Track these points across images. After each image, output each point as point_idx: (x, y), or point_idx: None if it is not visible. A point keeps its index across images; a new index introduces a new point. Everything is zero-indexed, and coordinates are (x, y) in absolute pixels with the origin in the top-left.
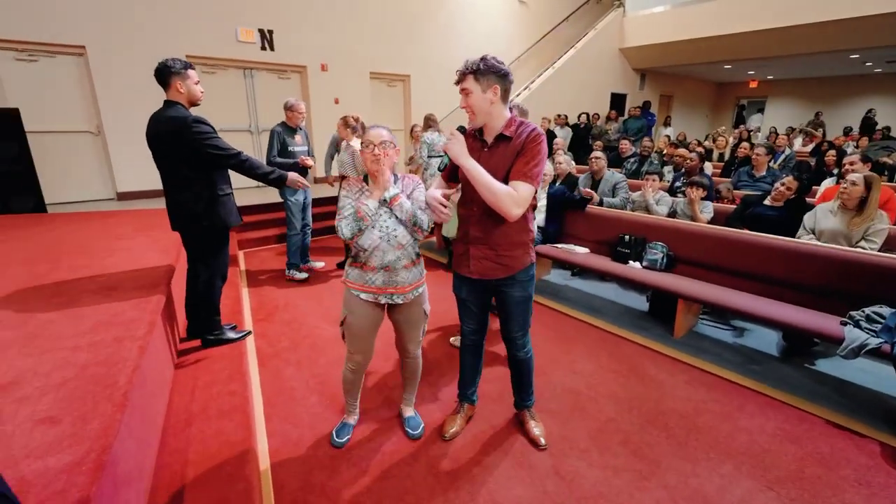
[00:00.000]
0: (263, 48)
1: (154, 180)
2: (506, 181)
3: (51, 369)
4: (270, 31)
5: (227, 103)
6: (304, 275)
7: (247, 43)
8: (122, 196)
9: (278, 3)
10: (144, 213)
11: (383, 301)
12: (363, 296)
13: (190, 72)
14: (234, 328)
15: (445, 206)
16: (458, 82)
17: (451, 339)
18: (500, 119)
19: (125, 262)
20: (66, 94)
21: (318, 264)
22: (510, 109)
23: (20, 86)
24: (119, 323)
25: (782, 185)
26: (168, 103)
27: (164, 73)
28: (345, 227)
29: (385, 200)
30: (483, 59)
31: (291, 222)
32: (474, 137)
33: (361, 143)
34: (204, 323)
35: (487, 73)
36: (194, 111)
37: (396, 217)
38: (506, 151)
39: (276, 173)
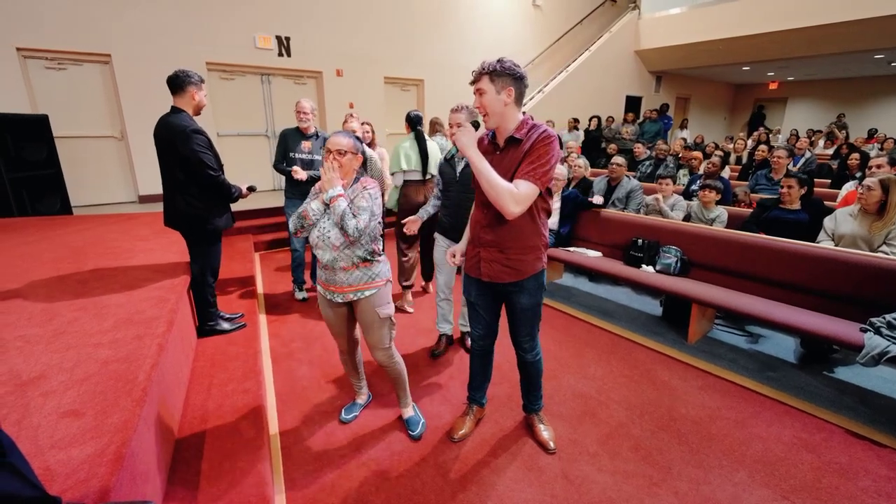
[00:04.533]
0: (280, 54)
1: None
2: None
3: (74, 365)
4: (287, 38)
5: (244, 109)
6: (302, 294)
7: (264, 49)
8: (144, 199)
9: (295, 10)
10: None
11: (328, 297)
12: (319, 287)
13: (203, 84)
14: (242, 316)
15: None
16: (473, 82)
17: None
18: (512, 121)
19: (146, 262)
20: (92, 100)
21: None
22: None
23: (49, 93)
24: (139, 321)
25: (782, 187)
26: (175, 109)
27: (182, 81)
28: (290, 221)
29: (325, 202)
30: (500, 60)
31: (290, 237)
32: (488, 141)
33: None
34: (200, 312)
35: (503, 74)
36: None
37: (329, 213)
38: (515, 154)
39: (236, 193)
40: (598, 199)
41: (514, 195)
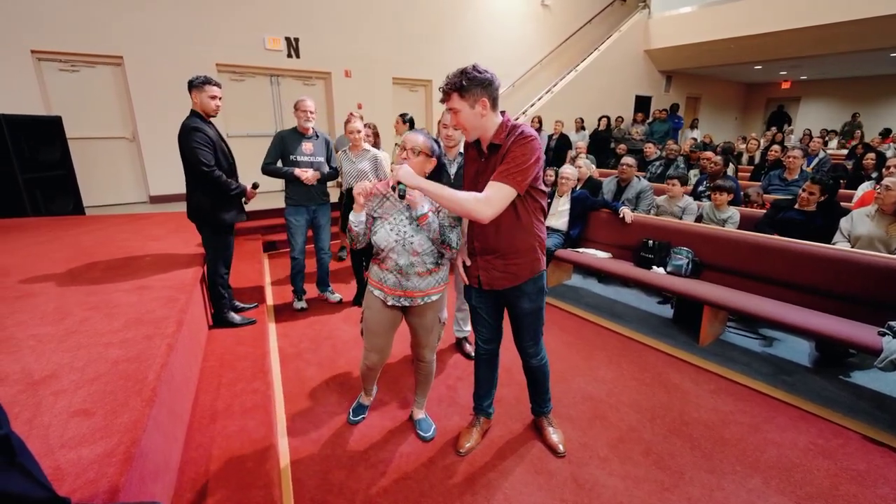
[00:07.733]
0: (290, 55)
1: (184, 184)
2: None
3: (85, 364)
4: (297, 39)
5: (253, 110)
6: (301, 304)
7: (274, 51)
8: (154, 199)
9: (305, 11)
10: (175, 215)
11: (391, 302)
12: (376, 293)
13: (207, 86)
14: (256, 306)
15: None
16: (443, 101)
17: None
18: (492, 128)
19: (156, 262)
20: (104, 102)
21: (335, 297)
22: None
23: (63, 95)
24: (149, 321)
25: (803, 191)
26: (191, 111)
27: (188, 86)
28: (350, 235)
29: (414, 218)
30: (463, 72)
31: (290, 244)
32: (473, 147)
33: (400, 144)
34: (214, 301)
35: (472, 86)
36: (218, 121)
37: (417, 225)
38: (496, 159)
39: (238, 189)
40: (628, 218)
41: (479, 199)
